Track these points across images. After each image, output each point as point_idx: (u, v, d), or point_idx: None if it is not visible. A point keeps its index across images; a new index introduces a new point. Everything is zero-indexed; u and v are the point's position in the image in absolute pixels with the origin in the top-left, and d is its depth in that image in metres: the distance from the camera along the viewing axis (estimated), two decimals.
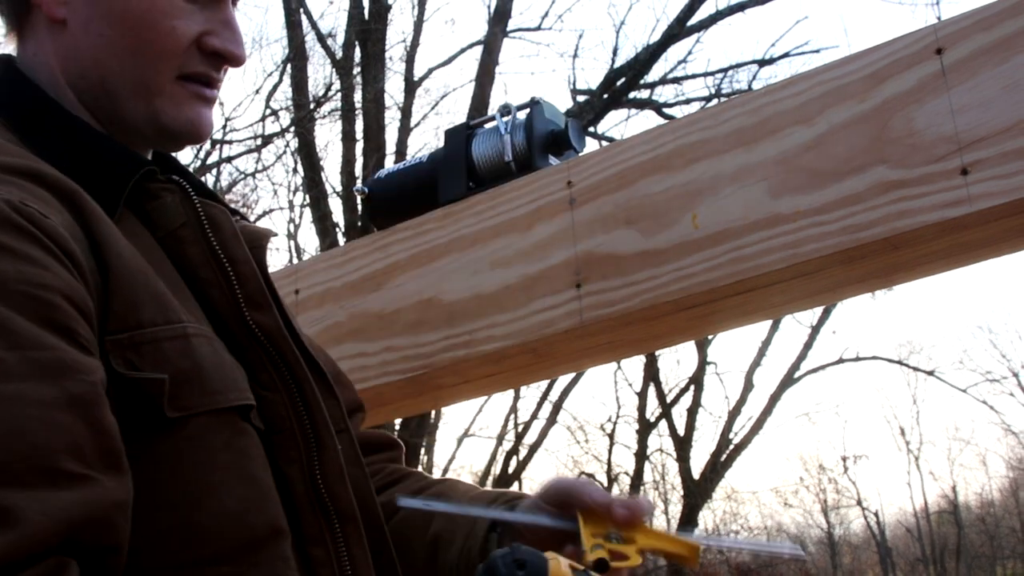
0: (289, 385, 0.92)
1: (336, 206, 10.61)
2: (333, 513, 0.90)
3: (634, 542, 0.94)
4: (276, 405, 0.89)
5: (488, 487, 1.20)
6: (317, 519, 0.89)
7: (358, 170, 10.20)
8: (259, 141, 11.46)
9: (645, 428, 17.54)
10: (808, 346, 17.15)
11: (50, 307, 0.72)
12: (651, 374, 16.95)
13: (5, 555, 0.62)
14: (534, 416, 15.74)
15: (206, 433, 0.82)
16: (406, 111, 11.20)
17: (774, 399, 17.06)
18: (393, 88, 11.12)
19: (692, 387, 17.12)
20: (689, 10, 10.67)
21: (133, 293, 0.82)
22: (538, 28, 11.90)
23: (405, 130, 11.04)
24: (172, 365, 0.81)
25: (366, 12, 10.32)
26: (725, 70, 11.84)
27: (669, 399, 17.33)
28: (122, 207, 0.87)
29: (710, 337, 13.91)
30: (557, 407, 15.90)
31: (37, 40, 0.94)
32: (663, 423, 17.41)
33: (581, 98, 11.29)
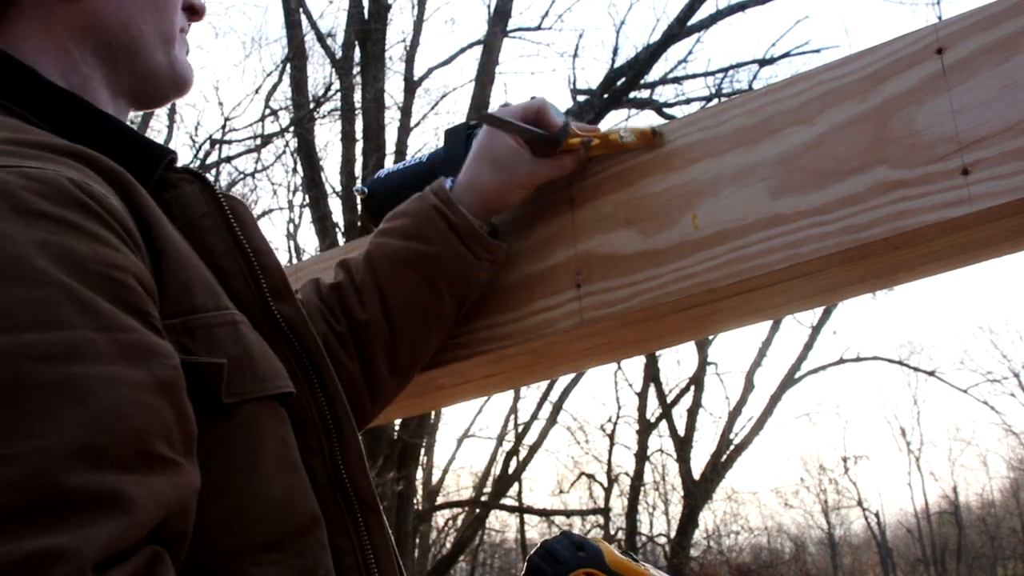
0: (310, 376, 0.93)
1: (336, 206, 10.62)
2: (356, 503, 0.91)
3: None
4: (298, 396, 0.90)
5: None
6: (340, 509, 0.90)
7: (358, 170, 10.21)
8: (259, 141, 11.47)
9: (645, 428, 17.55)
10: (808, 346, 17.17)
11: (126, 288, 0.72)
12: (651, 374, 16.96)
13: (121, 539, 0.61)
14: (534, 416, 15.76)
15: (256, 420, 0.82)
16: (406, 111, 11.21)
17: (774, 399, 17.08)
18: (393, 88, 11.13)
19: (692, 387, 17.14)
20: (689, 10, 10.68)
21: (186, 278, 0.82)
22: (538, 28, 11.91)
23: (405, 130, 11.05)
24: (225, 351, 0.81)
25: (366, 12, 10.33)
26: (725, 70, 11.86)
27: (669, 399, 17.35)
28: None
29: (710, 337, 13.91)
30: (557, 407, 15.91)
31: (36, 20, 0.93)
32: (663, 423, 17.43)
33: (581, 98, 11.29)
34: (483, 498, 15.33)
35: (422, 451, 11.94)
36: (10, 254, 0.66)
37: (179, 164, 0.95)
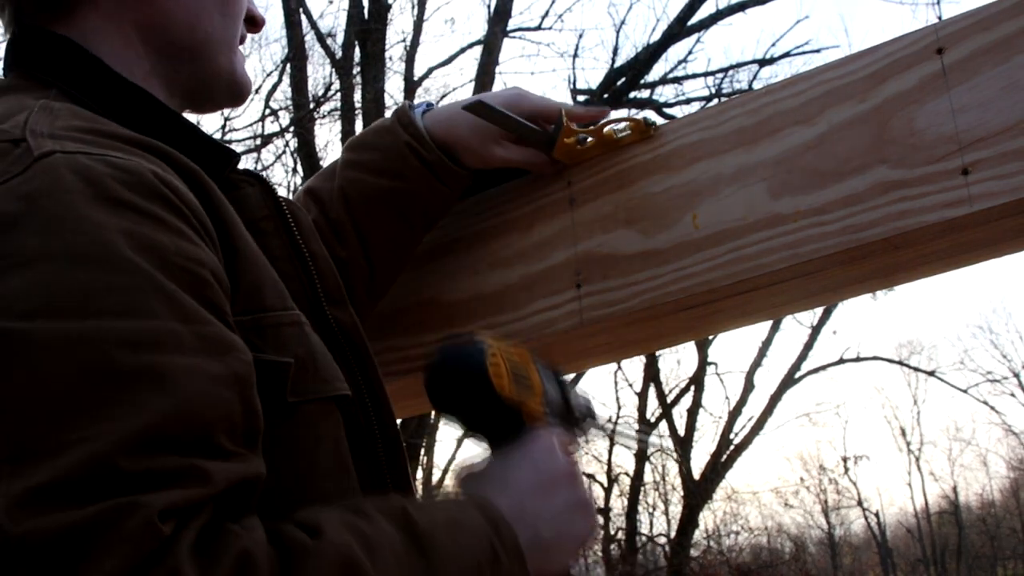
0: (359, 382, 0.94)
1: None
2: None
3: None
4: (351, 400, 0.91)
5: None
6: None
7: None
8: (259, 141, 11.46)
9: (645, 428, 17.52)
10: (809, 346, 17.16)
11: (205, 284, 0.72)
12: (651, 374, 16.96)
13: (188, 500, 0.62)
14: None
15: (317, 420, 0.84)
16: None
17: (774, 399, 17.07)
18: (393, 88, 11.12)
19: (692, 387, 17.13)
20: (689, 10, 10.68)
21: (258, 277, 0.83)
22: (538, 28, 11.90)
23: None
24: (291, 350, 0.82)
25: (366, 12, 10.32)
26: (725, 70, 11.85)
27: (669, 399, 17.34)
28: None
29: (710, 337, 13.91)
30: None
31: (107, 12, 0.93)
32: (663, 423, 17.42)
33: (581, 98, 11.29)
34: None
35: (422, 451, 11.94)
36: (98, 240, 0.67)
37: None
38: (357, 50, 10.53)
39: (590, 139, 1.20)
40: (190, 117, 0.98)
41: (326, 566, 0.66)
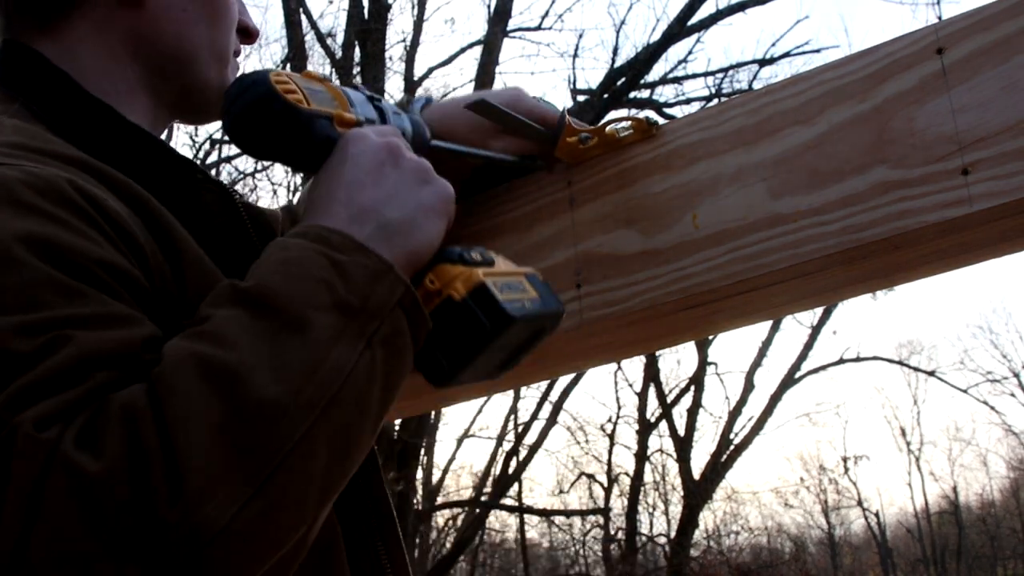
0: None
1: None
2: (380, 512, 1.00)
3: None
4: None
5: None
6: (363, 518, 0.97)
7: None
8: None
9: (645, 428, 17.56)
10: (809, 346, 17.18)
11: (106, 283, 0.74)
12: (651, 374, 16.97)
13: (70, 400, 0.66)
14: (534, 416, 15.74)
15: None
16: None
17: (774, 399, 17.08)
18: (393, 88, 11.12)
19: (692, 387, 17.15)
20: (689, 10, 10.68)
21: (203, 279, 0.84)
22: (538, 28, 11.90)
23: None
24: None
25: (366, 12, 10.31)
26: (725, 70, 11.86)
27: (669, 399, 17.36)
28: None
29: (710, 337, 13.90)
30: (557, 407, 15.90)
31: (95, 22, 0.94)
32: (663, 423, 17.43)
33: (581, 98, 11.29)
34: (483, 498, 15.33)
35: (422, 451, 11.94)
36: None
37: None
38: (357, 50, 10.52)
39: (593, 140, 1.20)
40: (187, 127, 1.00)
41: (182, 375, 0.67)
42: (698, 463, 17.04)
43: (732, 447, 16.84)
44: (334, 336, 0.73)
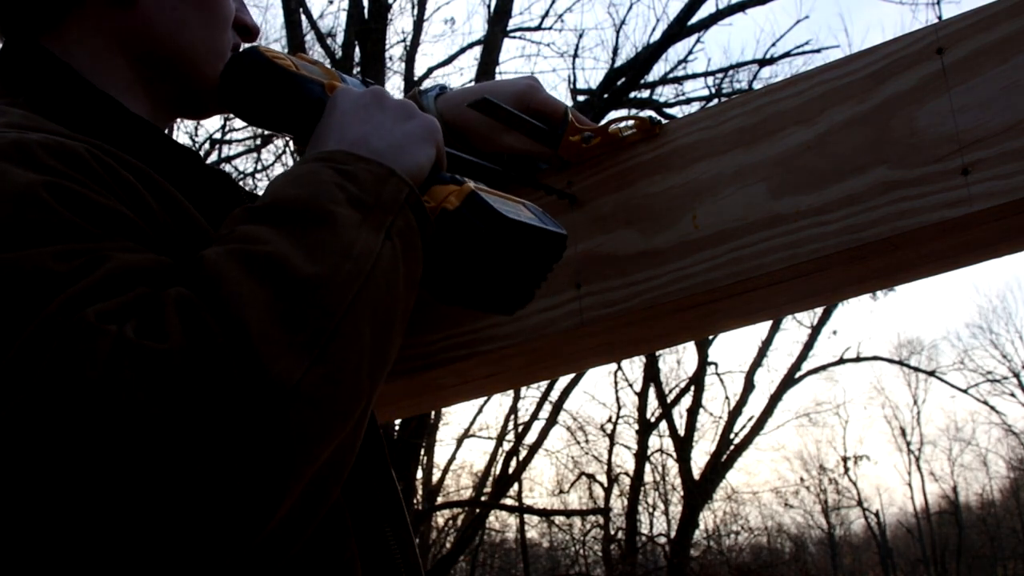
0: None
1: None
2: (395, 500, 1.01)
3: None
4: None
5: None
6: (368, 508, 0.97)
7: None
8: (259, 141, 11.46)
9: (645, 428, 17.56)
10: (808, 346, 17.18)
11: (123, 225, 0.76)
12: (651, 374, 16.97)
13: (125, 300, 0.70)
14: (534, 416, 15.74)
15: None
16: None
17: (774, 399, 17.08)
18: (393, 88, 11.12)
19: (692, 387, 17.14)
20: (689, 10, 10.67)
21: None
22: (538, 28, 11.90)
23: None
24: None
25: (366, 12, 10.31)
26: (725, 70, 11.86)
27: (669, 399, 17.35)
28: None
29: (710, 337, 13.91)
30: (557, 407, 15.90)
31: (92, 22, 0.96)
32: (663, 423, 17.43)
33: (581, 98, 11.28)
34: (483, 498, 15.33)
35: (422, 451, 11.94)
36: (20, 185, 0.72)
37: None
38: (357, 50, 10.52)
39: (596, 138, 1.20)
40: (187, 122, 1.01)
41: (224, 266, 0.71)
42: (698, 463, 17.05)
43: (732, 447, 16.85)
44: (357, 224, 0.78)
